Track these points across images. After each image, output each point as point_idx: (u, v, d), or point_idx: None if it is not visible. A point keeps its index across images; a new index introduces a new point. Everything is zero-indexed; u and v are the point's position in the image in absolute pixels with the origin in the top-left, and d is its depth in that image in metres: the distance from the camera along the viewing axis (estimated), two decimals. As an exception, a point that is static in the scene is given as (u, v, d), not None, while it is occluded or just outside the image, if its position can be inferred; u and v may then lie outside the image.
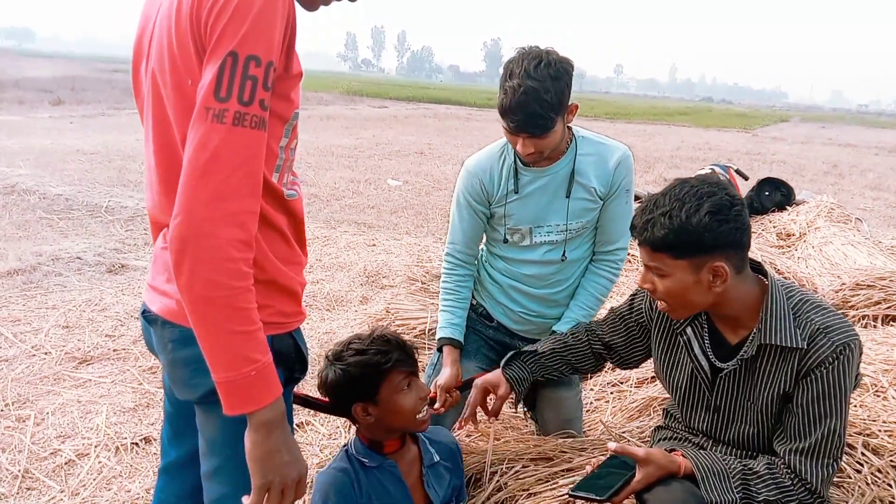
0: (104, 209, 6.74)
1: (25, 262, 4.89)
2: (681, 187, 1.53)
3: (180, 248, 1.02)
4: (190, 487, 1.43)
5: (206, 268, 1.02)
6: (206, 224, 1.01)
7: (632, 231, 1.62)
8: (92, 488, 2.43)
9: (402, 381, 1.66)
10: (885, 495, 1.91)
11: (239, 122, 1.02)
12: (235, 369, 1.06)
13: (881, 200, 10.89)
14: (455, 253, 2.28)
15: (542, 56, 1.92)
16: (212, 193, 1.01)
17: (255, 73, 1.03)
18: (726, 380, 1.67)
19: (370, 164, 11.23)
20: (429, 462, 1.77)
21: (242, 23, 1.02)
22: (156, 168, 1.21)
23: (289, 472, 1.14)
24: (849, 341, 1.51)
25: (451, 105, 33.73)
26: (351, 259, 5.60)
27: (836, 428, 1.52)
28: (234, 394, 1.08)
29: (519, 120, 1.92)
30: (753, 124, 33.64)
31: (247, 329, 1.07)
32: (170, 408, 1.46)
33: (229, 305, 1.04)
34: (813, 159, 17.12)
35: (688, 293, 1.56)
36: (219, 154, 1.02)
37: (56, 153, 9.84)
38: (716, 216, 1.47)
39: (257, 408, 1.09)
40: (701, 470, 1.54)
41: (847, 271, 4.24)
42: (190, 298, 1.04)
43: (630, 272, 4.72)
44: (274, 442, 1.11)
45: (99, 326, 3.90)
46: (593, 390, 3.01)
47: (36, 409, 2.95)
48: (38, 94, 19.64)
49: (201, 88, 1.03)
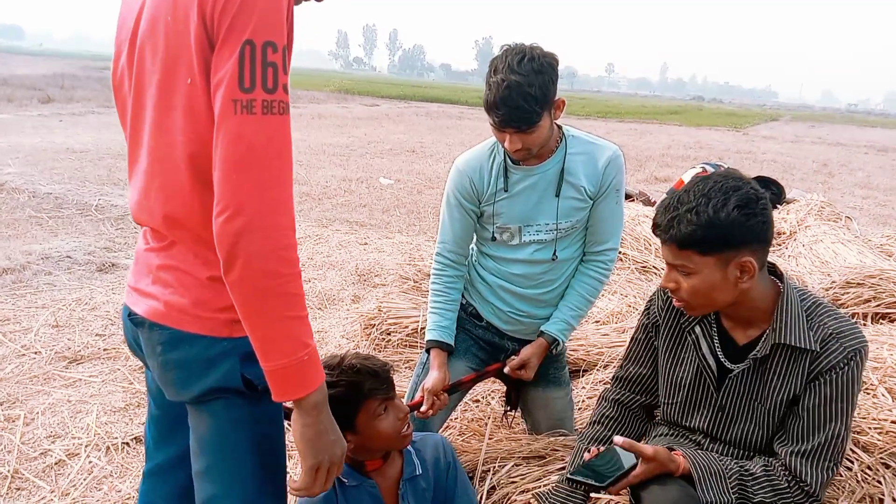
0: (94, 208, 6.70)
1: (15, 261, 4.86)
2: (704, 183, 1.51)
3: (233, 243, 1.01)
4: (177, 490, 1.42)
5: (261, 259, 1.02)
6: (258, 217, 1.01)
7: (655, 230, 1.59)
8: (82, 488, 2.42)
9: (378, 408, 1.64)
10: (875, 492, 1.93)
11: (268, 109, 1.02)
12: (292, 354, 1.07)
13: (870, 199, 10.96)
14: (445, 252, 2.28)
15: (526, 51, 1.93)
16: (255, 185, 1.01)
17: (273, 59, 1.03)
18: (735, 380, 1.66)
19: (362, 163, 11.21)
20: (409, 475, 1.75)
21: (254, 11, 1.02)
22: (149, 170, 1.18)
23: (336, 451, 1.16)
24: (860, 347, 1.51)
25: (442, 103, 33.74)
26: (343, 258, 5.59)
27: (840, 433, 1.52)
28: (289, 378, 1.08)
29: (503, 114, 1.92)
30: (744, 123, 33.78)
31: (301, 314, 1.08)
32: (155, 410, 1.44)
33: (285, 293, 1.05)
34: (803, 158, 17.21)
35: (714, 290, 1.54)
36: (255, 145, 1.01)
37: (45, 151, 9.78)
38: (743, 210, 1.46)
39: (311, 390, 1.10)
40: (698, 470, 1.55)
41: (837, 269, 4.26)
42: (245, 291, 1.04)
43: (622, 270, 4.74)
44: (323, 423, 1.13)
45: (89, 326, 3.88)
46: (584, 389, 3.01)
47: (26, 408, 2.94)
48: (28, 92, 19.50)
49: (222, 82, 1.02)
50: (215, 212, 1.03)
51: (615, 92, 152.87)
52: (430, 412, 2.11)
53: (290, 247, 1.05)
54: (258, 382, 1.17)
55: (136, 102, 1.19)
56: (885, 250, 5.12)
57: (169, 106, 1.11)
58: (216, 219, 1.03)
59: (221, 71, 1.02)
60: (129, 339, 1.36)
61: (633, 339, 1.89)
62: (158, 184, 1.17)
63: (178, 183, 1.14)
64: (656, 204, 2.09)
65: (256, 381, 1.17)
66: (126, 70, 1.21)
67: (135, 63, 1.17)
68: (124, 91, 1.24)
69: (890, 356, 2.58)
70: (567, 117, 2.21)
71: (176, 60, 1.08)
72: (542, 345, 2.22)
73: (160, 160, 1.16)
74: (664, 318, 1.79)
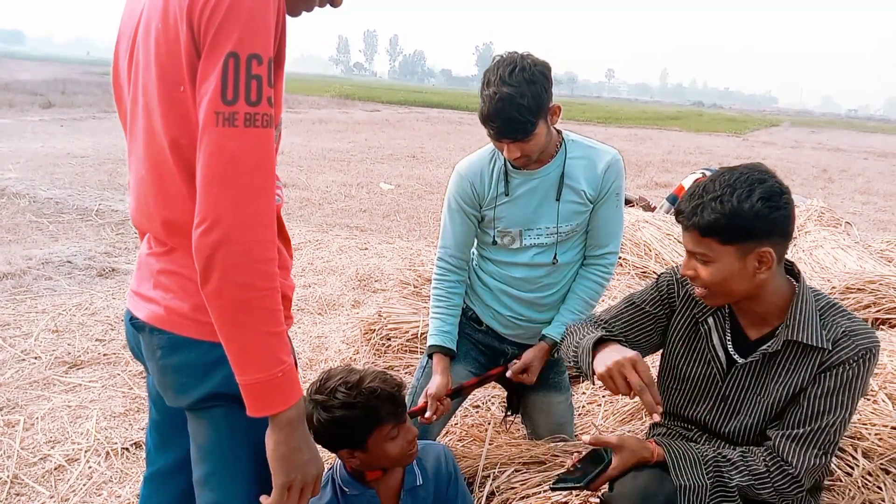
0: (95, 213, 6.71)
1: (15, 266, 4.86)
2: (730, 174, 1.53)
3: (209, 255, 1.01)
4: (177, 495, 1.42)
5: (237, 272, 1.01)
6: (235, 230, 1.01)
7: (678, 217, 1.59)
8: (82, 494, 2.42)
9: (390, 431, 1.63)
10: (875, 498, 1.92)
11: (250, 122, 1.02)
12: (267, 370, 1.06)
13: (870, 204, 10.97)
14: (446, 257, 2.28)
15: (517, 62, 1.94)
16: (236, 197, 1.01)
17: (258, 72, 1.02)
18: (741, 371, 1.67)
19: (362, 168, 11.22)
20: (409, 485, 1.75)
21: (238, 21, 1.01)
22: (146, 177, 1.19)
23: (309, 470, 1.15)
24: (872, 347, 1.52)
25: (443, 109, 33.77)
26: (343, 263, 5.59)
27: (836, 424, 1.53)
28: (263, 394, 1.08)
29: (498, 127, 1.94)
30: (744, 129, 33.82)
31: (277, 330, 1.07)
32: (156, 415, 1.44)
33: (261, 307, 1.04)
34: (803, 164, 17.22)
35: (731, 280, 1.55)
36: (236, 157, 1.01)
37: (46, 156, 9.80)
38: (768, 202, 1.47)
39: (285, 408, 1.09)
40: (671, 455, 1.57)
41: (837, 275, 4.25)
42: (220, 304, 1.03)
43: (622, 276, 4.74)
44: (297, 440, 1.12)
45: (89, 331, 3.88)
46: (585, 394, 3.01)
47: (25, 413, 2.93)
48: (29, 97, 19.53)
49: (206, 93, 1.02)
50: (195, 223, 1.02)
51: (615, 97, 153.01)
52: (434, 418, 2.11)
53: (268, 260, 1.04)
54: None
55: (133, 109, 1.19)
56: (885, 256, 5.12)
57: (161, 112, 1.11)
58: (195, 230, 1.02)
59: (206, 82, 1.02)
60: (130, 343, 1.36)
61: (632, 302, 1.86)
62: (156, 190, 1.18)
63: (175, 189, 1.14)
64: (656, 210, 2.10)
65: None
66: (125, 77, 1.21)
67: (132, 71, 1.17)
68: (124, 98, 1.24)
69: (890, 362, 2.58)
70: (567, 123, 2.21)
71: (166, 68, 1.08)
72: (543, 349, 2.23)
73: (156, 167, 1.16)
74: (680, 304, 1.80)
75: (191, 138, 1.08)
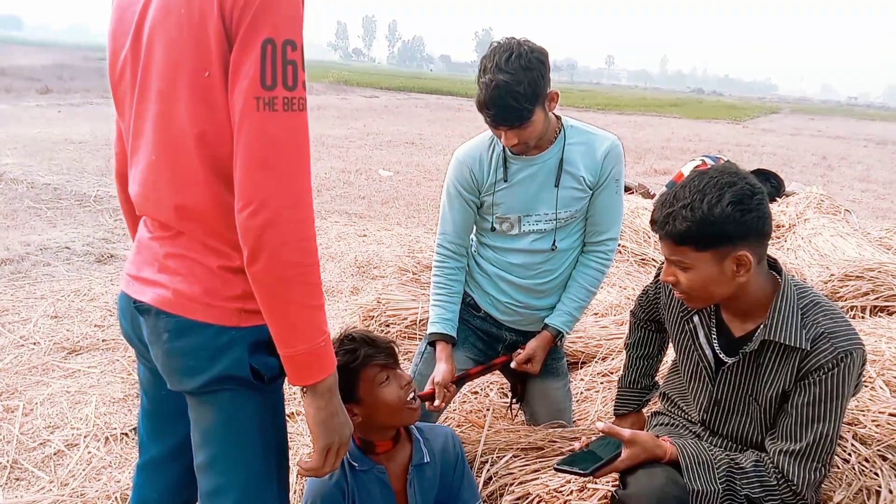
0: (93, 198, 6.70)
1: (13, 252, 4.86)
2: (700, 179, 1.52)
3: (258, 235, 1.05)
4: (171, 483, 1.43)
5: (285, 250, 1.06)
6: (282, 210, 1.05)
7: (652, 225, 1.60)
8: (81, 479, 2.42)
9: (379, 375, 1.65)
10: (872, 484, 1.93)
11: (289, 106, 1.06)
12: (312, 340, 1.12)
13: (870, 192, 10.96)
14: (446, 244, 2.28)
15: (514, 48, 1.93)
16: (280, 179, 1.05)
17: (293, 57, 1.06)
18: (729, 373, 1.67)
19: (361, 155, 11.19)
20: (417, 461, 1.76)
21: (273, 8, 1.04)
22: (157, 162, 1.18)
23: (345, 432, 1.22)
24: (851, 349, 1.51)
25: (442, 95, 33.65)
26: (342, 249, 5.59)
27: (828, 433, 1.52)
28: (307, 365, 1.13)
29: (494, 114, 1.94)
30: (744, 116, 33.71)
31: (319, 302, 1.13)
32: (148, 404, 1.44)
33: (306, 282, 1.10)
34: (802, 151, 17.19)
35: (711, 285, 1.55)
36: (278, 141, 1.05)
37: (44, 142, 9.77)
38: (738, 206, 1.47)
39: (326, 375, 1.15)
40: (686, 458, 1.55)
41: (836, 262, 4.26)
42: (270, 282, 1.08)
43: (621, 262, 4.74)
44: (334, 405, 1.19)
45: (88, 316, 3.88)
46: (584, 381, 3.02)
47: (24, 399, 2.94)
48: (26, 83, 19.45)
49: (244, 79, 1.04)
50: (238, 206, 1.06)
51: (615, 84, 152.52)
52: (442, 405, 2.12)
53: (311, 238, 1.10)
54: (265, 372, 1.18)
55: (141, 94, 1.18)
56: (884, 243, 5.12)
57: (180, 97, 1.11)
58: (239, 214, 1.06)
59: (243, 68, 1.05)
60: (125, 328, 1.36)
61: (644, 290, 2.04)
62: (168, 175, 1.17)
63: (192, 175, 1.14)
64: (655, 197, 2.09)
65: (263, 370, 1.18)
66: (130, 62, 1.20)
67: (141, 55, 1.16)
68: (125, 83, 1.22)
69: (888, 349, 2.58)
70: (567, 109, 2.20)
71: (189, 53, 1.08)
72: (547, 337, 2.23)
73: (170, 152, 1.16)
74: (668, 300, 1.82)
75: (215, 125, 1.10)
